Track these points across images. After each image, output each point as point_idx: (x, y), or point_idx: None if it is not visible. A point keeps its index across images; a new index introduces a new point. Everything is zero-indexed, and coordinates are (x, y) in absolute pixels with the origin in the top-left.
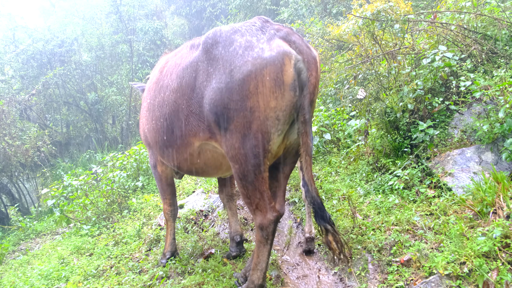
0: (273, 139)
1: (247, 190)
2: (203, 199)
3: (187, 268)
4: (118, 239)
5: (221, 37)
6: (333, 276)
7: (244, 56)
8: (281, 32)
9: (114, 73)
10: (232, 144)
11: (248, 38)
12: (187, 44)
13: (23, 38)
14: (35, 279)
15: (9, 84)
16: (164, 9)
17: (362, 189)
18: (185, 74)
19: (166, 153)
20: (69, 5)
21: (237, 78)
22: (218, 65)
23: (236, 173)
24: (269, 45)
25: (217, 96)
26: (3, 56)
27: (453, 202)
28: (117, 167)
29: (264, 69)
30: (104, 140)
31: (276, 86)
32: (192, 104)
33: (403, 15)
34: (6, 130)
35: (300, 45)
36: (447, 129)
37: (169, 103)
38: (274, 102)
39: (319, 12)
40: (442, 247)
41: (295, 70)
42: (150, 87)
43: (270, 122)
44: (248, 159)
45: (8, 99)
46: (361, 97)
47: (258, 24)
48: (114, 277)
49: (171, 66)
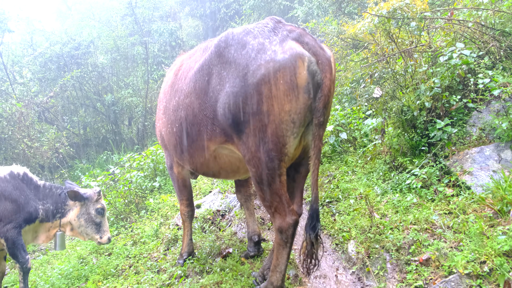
0: (289, 142)
1: (265, 193)
2: (220, 199)
3: (205, 267)
4: (136, 239)
5: (234, 39)
6: (351, 276)
7: (257, 59)
8: (294, 33)
9: (130, 75)
10: (248, 148)
11: (260, 40)
12: (201, 47)
13: (41, 41)
14: (56, 278)
15: (27, 87)
16: (179, 10)
17: (379, 188)
18: (198, 78)
19: (183, 156)
20: (85, 8)
21: (250, 82)
22: (231, 69)
23: (253, 177)
24: (282, 47)
25: (231, 100)
26: (21, 59)
27: (472, 201)
28: (134, 168)
29: (277, 73)
30: (121, 141)
31: (290, 89)
32: (206, 108)
33: (420, 12)
34: (25, 132)
35: (313, 46)
36: (465, 127)
37: (183, 107)
38: (288, 106)
39: (333, 11)
40: (461, 246)
41: (309, 73)
42: (165, 90)
43: (285, 126)
44: (265, 163)
45: (26, 101)
46: (377, 96)
47: (271, 25)
48: (133, 276)
49: (185, 69)
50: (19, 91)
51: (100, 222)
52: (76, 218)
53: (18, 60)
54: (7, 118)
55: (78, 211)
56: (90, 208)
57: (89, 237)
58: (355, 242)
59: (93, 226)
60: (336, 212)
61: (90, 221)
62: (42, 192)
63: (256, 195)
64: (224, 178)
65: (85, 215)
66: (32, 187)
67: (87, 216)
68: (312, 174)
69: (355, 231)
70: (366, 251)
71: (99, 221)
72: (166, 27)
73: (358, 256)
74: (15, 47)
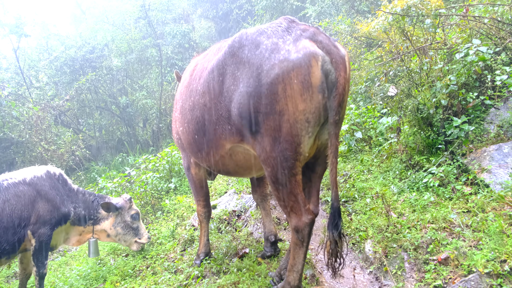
0: (303, 141)
1: (281, 193)
2: (236, 199)
3: (222, 267)
4: (153, 239)
5: (247, 40)
6: (369, 275)
7: (270, 59)
8: (308, 32)
9: (144, 77)
10: (264, 148)
11: (274, 40)
12: (215, 47)
13: (56, 46)
14: (74, 279)
15: (43, 91)
16: (191, 12)
17: (395, 187)
18: (212, 78)
19: (199, 155)
20: (99, 12)
21: (265, 82)
22: (245, 69)
23: (269, 176)
24: (296, 46)
25: (245, 100)
26: (37, 63)
27: (491, 199)
28: (150, 169)
29: (291, 72)
30: (136, 143)
31: (304, 89)
32: (221, 107)
33: (434, 9)
34: (42, 135)
35: (327, 45)
36: (483, 124)
37: (199, 107)
38: (303, 105)
39: (346, 10)
40: (481, 245)
41: (323, 72)
42: (181, 90)
43: (299, 125)
44: (280, 162)
45: (43, 105)
46: (392, 94)
47: (284, 25)
48: (151, 277)
49: (200, 70)
50: (35, 95)
51: (137, 226)
52: (112, 227)
53: (34, 65)
54: (25, 122)
55: (113, 221)
56: (125, 216)
57: (127, 243)
58: (372, 241)
59: (131, 231)
60: (352, 212)
61: (127, 228)
62: (75, 195)
63: (272, 195)
64: (240, 175)
65: (121, 223)
66: (66, 189)
67: (124, 224)
68: (331, 173)
69: (372, 230)
70: (383, 250)
71: (136, 226)
72: (179, 29)
73: (376, 255)
74: (31, 51)
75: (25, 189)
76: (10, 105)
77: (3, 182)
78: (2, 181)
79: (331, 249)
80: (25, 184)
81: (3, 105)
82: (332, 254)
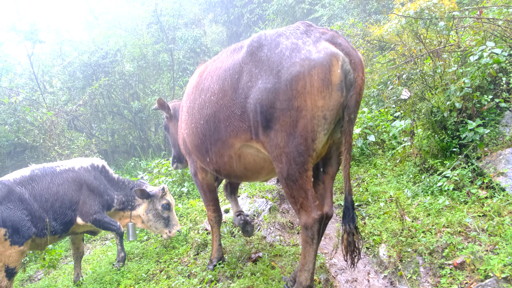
0: (318, 137)
1: (292, 189)
2: (248, 203)
3: (236, 271)
4: (166, 243)
5: (266, 40)
6: (383, 280)
7: (291, 58)
8: (327, 35)
9: (156, 82)
10: (277, 144)
11: (293, 41)
12: (228, 49)
13: (69, 51)
14: (88, 283)
15: (57, 96)
16: (203, 17)
17: (409, 191)
18: (227, 76)
19: (206, 157)
20: (112, 17)
21: (284, 79)
22: (263, 67)
23: (280, 173)
24: (316, 47)
25: (263, 96)
26: (51, 69)
27: (508, 203)
28: (162, 174)
29: (313, 70)
30: (148, 147)
31: (324, 86)
32: (234, 104)
33: (448, 12)
34: (56, 140)
35: (346, 47)
36: (498, 127)
37: (210, 105)
38: (321, 102)
39: (358, 13)
40: (497, 249)
41: (342, 71)
42: (189, 92)
43: (316, 121)
44: (293, 158)
45: (57, 110)
46: (406, 97)
47: (302, 28)
48: (164, 281)
49: (211, 70)
50: (49, 100)
51: (168, 216)
52: (144, 213)
53: (48, 70)
54: (39, 127)
55: (146, 207)
56: (156, 204)
57: (158, 230)
58: (386, 245)
59: (161, 220)
60: (366, 216)
61: (157, 216)
62: (116, 184)
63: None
64: (247, 179)
65: (153, 210)
66: (109, 179)
67: (155, 212)
68: (344, 168)
69: (386, 234)
70: (398, 254)
71: (166, 215)
72: (191, 34)
73: (390, 260)
74: (45, 57)
75: (74, 176)
76: (25, 110)
77: (56, 168)
78: (55, 167)
79: (348, 241)
80: (74, 172)
81: (17, 110)
82: (349, 246)
